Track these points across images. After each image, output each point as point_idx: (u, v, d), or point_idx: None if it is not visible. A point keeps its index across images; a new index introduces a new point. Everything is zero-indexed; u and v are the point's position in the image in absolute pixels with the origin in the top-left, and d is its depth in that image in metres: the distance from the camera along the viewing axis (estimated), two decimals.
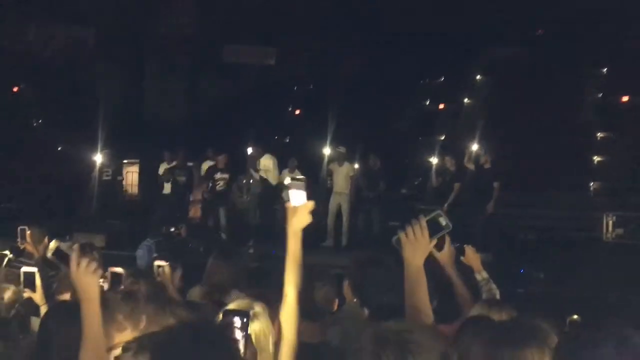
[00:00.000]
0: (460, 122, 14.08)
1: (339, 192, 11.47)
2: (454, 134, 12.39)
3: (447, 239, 3.94)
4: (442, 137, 15.34)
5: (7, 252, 3.40)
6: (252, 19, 15.19)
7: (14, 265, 3.36)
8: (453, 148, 12.22)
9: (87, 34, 14.66)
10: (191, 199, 12.44)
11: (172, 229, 9.90)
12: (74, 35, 14.61)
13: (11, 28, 13.42)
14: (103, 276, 3.14)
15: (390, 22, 16.10)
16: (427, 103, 17.89)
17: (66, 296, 3.62)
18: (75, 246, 2.36)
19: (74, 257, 2.24)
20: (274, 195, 11.42)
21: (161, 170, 11.89)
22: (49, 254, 2.59)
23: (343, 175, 11.48)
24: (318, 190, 11.86)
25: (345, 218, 11.42)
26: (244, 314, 1.98)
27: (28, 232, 4.82)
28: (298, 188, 2.67)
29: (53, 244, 2.54)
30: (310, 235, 2.66)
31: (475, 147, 11.81)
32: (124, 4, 15.15)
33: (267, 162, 11.61)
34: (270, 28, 15.43)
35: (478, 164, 10.91)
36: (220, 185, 11.58)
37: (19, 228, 4.88)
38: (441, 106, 17.36)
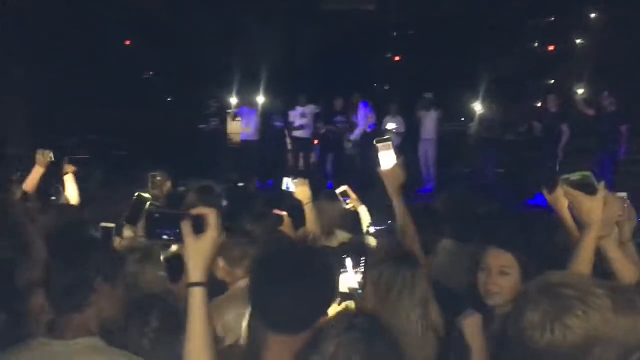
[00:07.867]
0: (572, 64, 13.14)
1: (427, 139, 11.39)
2: (565, 77, 11.54)
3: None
4: (552, 81, 14.52)
5: (147, 195, 3.79)
6: None
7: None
8: (562, 92, 11.47)
9: None
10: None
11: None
12: None
13: None
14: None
15: None
16: (536, 45, 16.93)
17: None
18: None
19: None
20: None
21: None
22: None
23: (430, 121, 11.38)
24: (410, 137, 11.75)
25: (432, 164, 11.34)
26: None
27: (158, 178, 5.43)
28: (385, 149, 2.79)
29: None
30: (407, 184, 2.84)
31: (581, 91, 10.92)
32: None
33: None
34: None
35: (601, 107, 10.19)
36: (340, 128, 11.93)
37: (149, 174, 5.44)
38: (550, 47, 16.38)
